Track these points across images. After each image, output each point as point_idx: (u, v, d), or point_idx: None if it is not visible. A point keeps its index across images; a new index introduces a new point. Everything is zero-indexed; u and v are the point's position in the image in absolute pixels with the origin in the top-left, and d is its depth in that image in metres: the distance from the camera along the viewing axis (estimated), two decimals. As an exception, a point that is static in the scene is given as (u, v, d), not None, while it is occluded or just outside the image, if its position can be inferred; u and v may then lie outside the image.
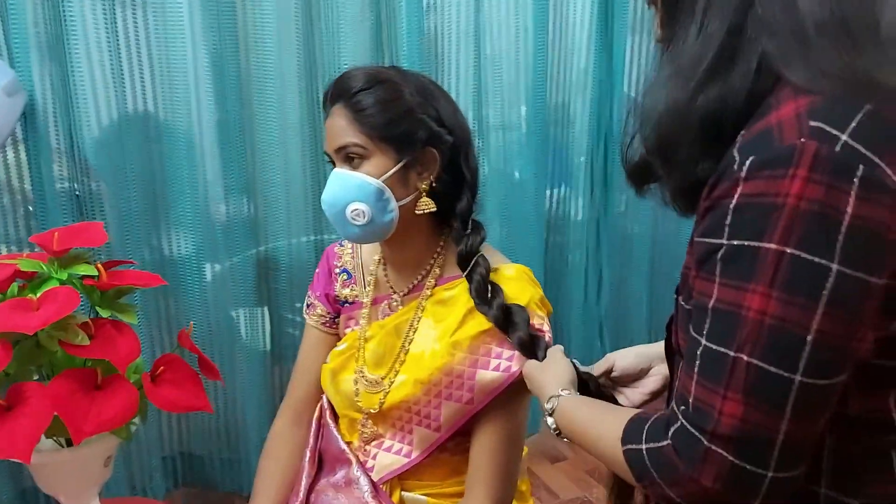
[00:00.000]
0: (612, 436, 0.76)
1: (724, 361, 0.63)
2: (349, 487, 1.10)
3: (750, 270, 0.61)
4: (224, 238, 1.87)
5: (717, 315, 0.64)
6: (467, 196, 1.07)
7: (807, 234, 0.59)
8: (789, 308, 0.60)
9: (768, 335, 0.61)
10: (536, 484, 2.18)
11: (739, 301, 0.62)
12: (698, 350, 0.66)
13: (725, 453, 0.63)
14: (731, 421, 0.62)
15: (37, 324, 0.97)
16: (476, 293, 1.04)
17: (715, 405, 0.63)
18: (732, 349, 0.63)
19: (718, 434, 0.63)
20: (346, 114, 1.02)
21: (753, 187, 0.61)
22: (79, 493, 1.17)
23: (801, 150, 0.59)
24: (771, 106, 0.63)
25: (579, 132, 2.28)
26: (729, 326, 0.63)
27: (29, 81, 1.58)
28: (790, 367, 0.61)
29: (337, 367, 1.15)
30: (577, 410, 0.87)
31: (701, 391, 0.65)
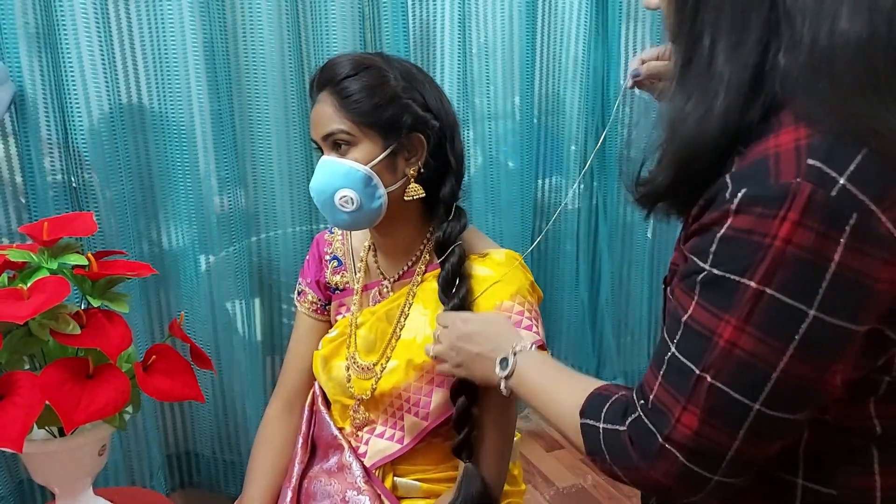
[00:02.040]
0: (570, 404, 0.77)
1: (688, 376, 0.64)
2: (342, 473, 1.10)
3: (727, 301, 0.62)
4: (218, 229, 1.87)
5: (690, 332, 0.65)
6: (451, 182, 1.07)
7: (789, 279, 0.59)
8: (760, 345, 0.61)
9: (735, 365, 0.62)
10: (532, 471, 2.19)
11: (712, 327, 0.63)
12: (667, 355, 0.67)
13: (678, 454, 0.65)
14: (687, 431, 0.64)
15: (27, 313, 0.97)
16: (442, 282, 1.05)
17: (674, 412, 0.65)
18: (698, 368, 0.63)
19: (673, 439, 0.65)
20: (332, 101, 1.02)
21: (742, 222, 0.60)
22: (72, 483, 1.17)
23: (796, 192, 0.58)
24: (772, 128, 0.62)
25: (572, 121, 2.28)
26: (699, 346, 0.64)
27: (18, 72, 1.58)
28: (751, 397, 0.62)
29: (328, 353, 1.15)
30: (541, 365, 0.88)
31: (663, 394, 0.66)
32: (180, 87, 1.74)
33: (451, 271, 1.04)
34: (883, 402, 0.66)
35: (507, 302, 1.04)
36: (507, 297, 1.04)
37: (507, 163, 2.22)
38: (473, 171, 2.16)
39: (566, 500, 2.09)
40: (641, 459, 0.67)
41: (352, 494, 1.07)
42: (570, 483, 2.15)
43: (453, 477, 1.09)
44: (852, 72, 0.59)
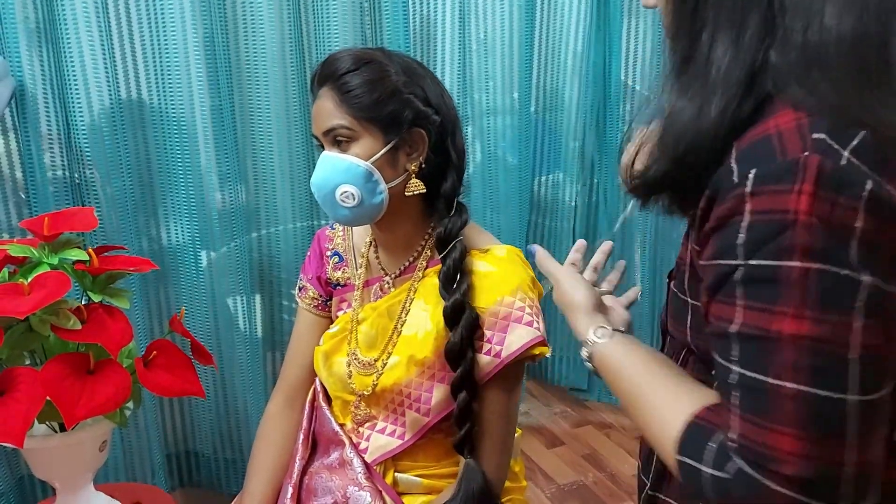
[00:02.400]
0: (664, 423, 0.69)
1: (764, 392, 0.58)
2: (343, 469, 1.10)
3: (774, 291, 0.58)
4: (219, 225, 1.86)
5: (745, 340, 0.60)
6: (452, 177, 1.07)
7: (826, 248, 0.56)
8: (824, 326, 0.56)
9: (807, 357, 0.57)
10: (532, 468, 2.19)
11: (768, 326, 0.58)
12: (729, 379, 0.61)
13: (792, 493, 0.57)
14: (793, 459, 0.57)
15: (28, 308, 0.97)
16: (443, 278, 1.04)
17: (768, 443, 0.58)
18: (770, 376, 0.58)
19: (781, 474, 0.58)
20: (333, 96, 1.02)
21: (760, 204, 0.58)
22: (73, 479, 1.17)
23: (805, 165, 0.57)
24: (767, 113, 0.61)
25: (572, 117, 2.28)
26: (761, 352, 0.59)
27: (18, 68, 1.58)
28: (840, 388, 0.56)
29: (329, 349, 1.15)
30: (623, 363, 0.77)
31: (746, 427, 0.60)
32: (181, 83, 1.74)
33: (452, 267, 1.04)
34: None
35: (509, 297, 1.04)
36: (509, 292, 1.04)
37: (506, 158, 2.22)
38: (472, 166, 2.16)
39: (567, 497, 2.09)
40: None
41: (353, 490, 1.07)
42: (571, 480, 2.16)
43: (454, 473, 1.09)
44: (844, 68, 0.59)
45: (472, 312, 1.03)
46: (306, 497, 1.12)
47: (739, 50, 0.63)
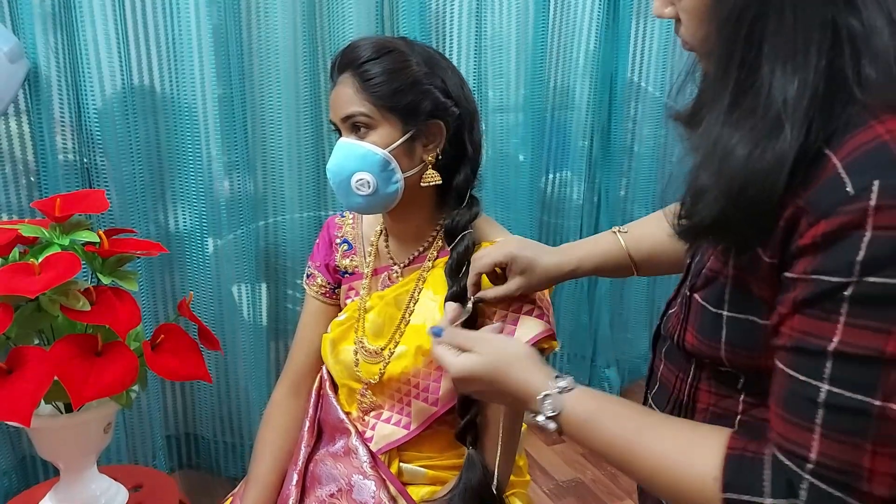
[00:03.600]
0: (689, 467, 0.65)
1: (863, 413, 0.56)
2: (348, 457, 1.10)
3: (893, 310, 0.55)
4: (226, 212, 1.87)
5: (848, 361, 0.57)
6: (466, 170, 1.07)
7: None
8: None
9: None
10: (531, 465, 2.19)
11: (882, 346, 0.55)
12: (819, 398, 0.58)
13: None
14: (885, 480, 0.56)
15: (38, 288, 0.98)
16: (449, 268, 1.04)
17: (863, 464, 0.56)
18: (878, 399, 0.55)
19: (870, 494, 0.56)
20: (353, 83, 1.02)
21: (890, 217, 0.54)
22: (77, 460, 1.18)
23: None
24: (864, 116, 0.58)
25: (582, 115, 2.28)
26: (868, 373, 0.56)
27: (33, 51, 1.58)
28: None
29: (337, 337, 1.15)
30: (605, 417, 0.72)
31: (832, 448, 0.57)
32: (192, 71, 1.74)
33: (457, 258, 1.04)
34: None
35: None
36: (519, 286, 1.04)
37: (516, 155, 2.22)
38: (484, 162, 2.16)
39: (565, 494, 2.10)
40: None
41: (357, 479, 1.07)
42: (569, 477, 2.16)
43: (459, 465, 1.09)
44: None
45: (479, 300, 1.02)
46: (311, 484, 1.12)
47: (806, 78, 0.59)
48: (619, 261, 1.00)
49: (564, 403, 0.74)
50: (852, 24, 0.59)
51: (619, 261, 1.00)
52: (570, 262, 0.99)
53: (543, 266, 0.98)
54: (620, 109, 2.32)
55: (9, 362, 1.00)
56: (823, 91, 0.59)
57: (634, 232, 1.02)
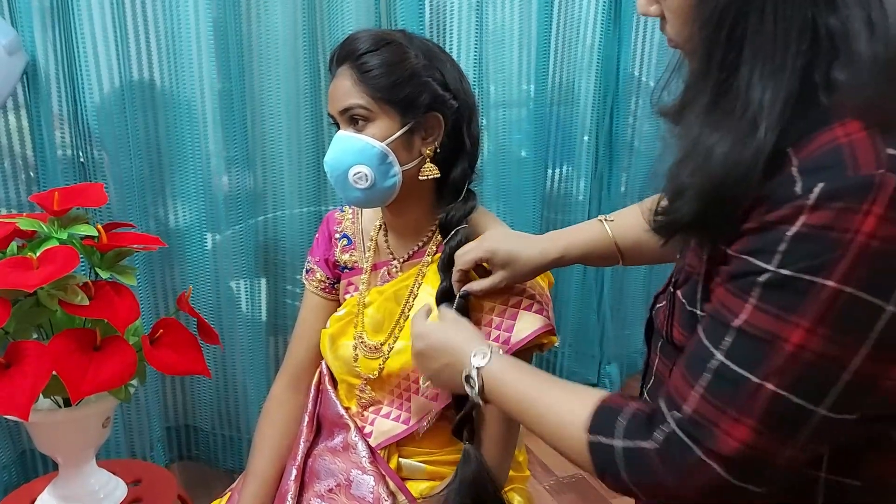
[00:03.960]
0: (568, 416, 0.73)
1: (743, 386, 0.60)
2: (347, 452, 1.10)
3: (797, 303, 0.58)
4: (225, 207, 1.87)
5: (746, 337, 0.61)
6: (463, 164, 1.06)
7: (870, 275, 0.56)
8: (831, 346, 0.58)
9: (802, 369, 0.59)
10: (532, 461, 2.19)
11: (777, 331, 0.59)
12: (711, 364, 0.63)
13: (720, 470, 0.62)
14: (734, 444, 0.61)
15: (36, 282, 0.97)
16: (441, 263, 1.04)
17: (720, 425, 0.61)
18: (757, 376, 0.60)
19: (716, 451, 0.62)
20: (351, 75, 1.01)
21: (821, 218, 0.57)
22: (76, 454, 1.18)
23: (880, 184, 0.55)
24: (830, 117, 0.59)
25: (585, 110, 2.27)
26: (757, 352, 0.60)
27: (31, 44, 1.58)
28: (816, 401, 0.59)
29: (336, 332, 1.15)
30: (514, 373, 0.82)
31: (705, 406, 0.63)
32: (192, 65, 1.74)
33: (448, 253, 1.04)
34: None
35: (518, 285, 1.03)
36: (519, 280, 1.04)
37: (519, 151, 2.21)
38: (486, 157, 2.15)
39: (565, 490, 2.10)
40: (671, 475, 0.64)
41: (356, 474, 1.07)
42: (569, 473, 2.16)
43: (458, 460, 1.09)
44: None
45: (461, 300, 1.02)
46: (309, 479, 1.12)
47: (782, 80, 0.60)
48: (605, 249, 1.00)
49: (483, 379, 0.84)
50: (832, 24, 0.60)
51: (605, 249, 1.00)
52: (555, 249, 0.99)
53: (525, 257, 0.98)
54: (623, 105, 2.31)
55: (7, 357, 1.00)
56: (798, 93, 0.60)
57: (621, 221, 1.01)
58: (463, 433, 1.04)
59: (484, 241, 1.01)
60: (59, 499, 1.18)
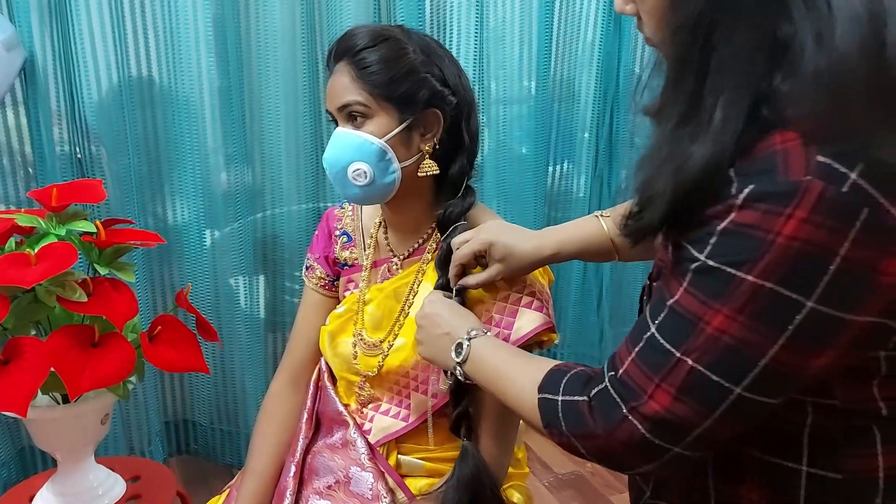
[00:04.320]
0: (529, 380, 0.80)
1: (667, 358, 0.66)
2: (346, 449, 1.10)
3: (720, 291, 0.63)
4: (223, 205, 1.86)
5: (674, 315, 0.66)
6: (462, 161, 1.06)
7: (789, 273, 0.60)
8: (750, 334, 0.62)
9: (721, 351, 0.63)
10: (531, 457, 2.19)
11: (700, 314, 0.64)
12: (646, 334, 0.68)
13: (641, 428, 0.67)
14: (656, 407, 0.66)
15: (34, 278, 0.97)
16: (438, 259, 1.04)
17: (646, 389, 0.67)
18: (679, 351, 0.65)
19: (640, 412, 0.67)
20: (349, 71, 1.01)
21: (746, 217, 0.61)
22: (75, 450, 1.18)
23: (805, 190, 0.58)
24: (774, 125, 0.62)
25: (586, 107, 2.26)
26: (682, 330, 0.65)
27: (29, 40, 1.57)
28: (734, 381, 0.63)
29: (335, 329, 1.15)
30: (496, 348, 0.90)
31: (636, 371, 0.68)
32: (190, 62, 1.73)
33: (445, 250, 1.04)
34: (886, 383, 0.67)
35: (519, 282, 1.03)
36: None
37: (519, 148, 2.21)
38: (485, 154, 2.15)
39: (564, 487, 2.10)
40: (600, 427, 0.70)
41: (355, 471, 1.07)
42: (568, 470, 2.16)
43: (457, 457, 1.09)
44: (850, 98, 0.59)
45: (458, 296, 1.02)
46: (308, 476, 1.11)
47: (746, 91, 0.63)
48: (601, 245, 1.01)
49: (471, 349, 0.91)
50: (784, 36, 0.62)
51: (601, 245, 1.01)
52: (550, 245, 0.99)
53: (521, 251, 0.99)
54: (624, 102, 2.30)
55: (5, 353, 1.00)
56: (757, 102, 0.63)
57: (617, 216, 1.01)
58: (461, 430, 1.04)
59: (481, 232, 1.01)
60: (57, 495, 1.18)
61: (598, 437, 0.70)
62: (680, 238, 0.67)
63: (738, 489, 0.73)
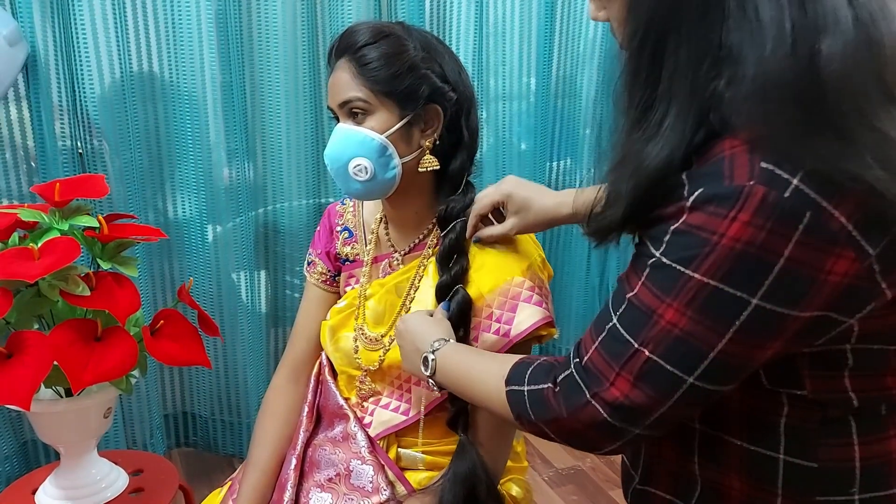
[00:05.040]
0: (495, 377, 0.83)
1: (626, 347, 0.69)
2: (346, 442, 1.11)
3: (671, 287, 0.66)
4: (225, 200, 1.87)
5: (632, 308, 0.69)
6: (462, 157, 1.07)
7: (733, 272, 0.63)
8: (699, 328, 0.65)
9: (673, 343, 0.66)
10: (531, 452, 2.20)
11: (654, 307, 0.67)
12: (608, 325, 0.71)
13: (602, 412, 0.70)
14: (616, 393, 0.69)
15: (37, 272, 0.98)
16: (439, 257, 1.05)
17: (608, 377, 0.70)
18: (637, 342, 0.68)
19: (601, 397, 0.70)
20: (350, 68, 1.01)
21: (695, 219, 0.64)
22: (78, 444, 1.19)
23: (748, 194, 0.61)
24: (724, 130, 0.65)
25: (587, 103, 2.26)
26: (639, 322, 0.68)
27: (31, 35, 1.57)
28: (686, 371, 0.67)
29: (336, 324, 1.15)
30: (459, 354, 0.93)
31: (598, 359, 0.71)
32: (192, 57, 1.74)
33: (447, 246, 1.04)
34: (855, 375, 0.69)
35: (519, 277, 1.04)
36: (519, 272, 1.04)
37: (519, 144, 2.21)
38: (486, 150, 2.15)
39: (564, 481, 2.11)
40: (564, 411, 0.73)
41: (356, 464, 1.08)
42: (568, 465, 2.17)
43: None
44: (784, 106, 0.62)
45: (462, 293, 1.03)
46: (309, 469, 1.12)
47: (694, 97, 0.66)
48: None
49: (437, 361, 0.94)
50: (729, 44, 0.64)
51: None
52: (569, 204, 1.00)
53: (540, 206, 1.01)
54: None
55: (9, 347, 1.01)
56: (705, 108, 0.66)
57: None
58: (458, 425, 1.04)
59: (502, 184, 1.03)
60: (60, 489, 1.19)
61: (562, 419, 0.73)
62: (641, 234, 0.71)
63: (720, 476, 0.75)
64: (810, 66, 0.61)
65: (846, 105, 0.61)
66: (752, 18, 0.63)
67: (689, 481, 0.77)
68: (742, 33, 0.63)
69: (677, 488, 0.79)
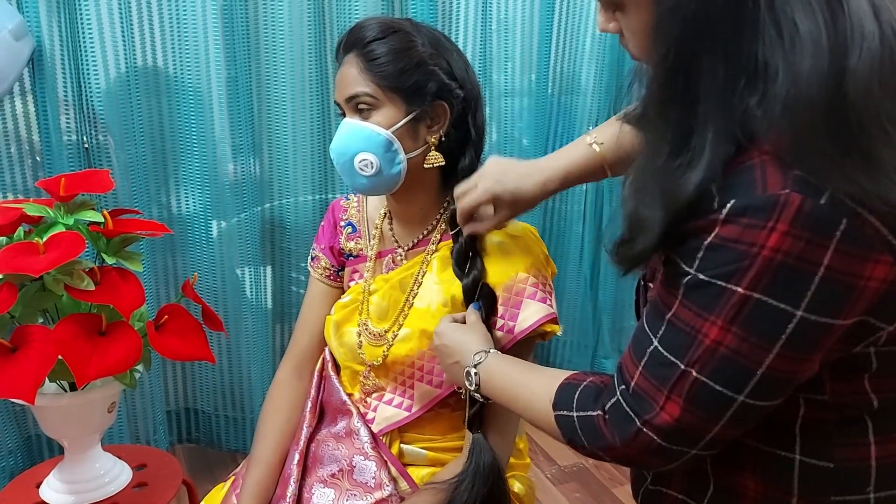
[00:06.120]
0: (542, 400, 0.82)
1: (672, 370, 0.67)
2: (349, 438, 1.11)
3: (713, 304, 0.64)
4: (230, 195, 1.87)
5: (673, 329, 0.68)
6: (470, 154, 1.07)
7: (776, 283, 0.62)
8: (745, 344, 0.64)
9: (720, 361, 0.65)
10: (534, 449, 2.20)
11: (698, 326, 0.66)
12: (649, 348, 0.70)
13: (656, 438, 0.69)
14: (668, 418, 0.68)
15: (42, 267, 0.98)
16: (456, 256, 1.05)
17: (657, 401, 0.69)
18: (683, 363, 0.67)
19: (653, 423, 0.69)
20: (358, 63, 1.01)
21: (730, 231, 0.62)
22: (82, 438, 1.19)
23: (784, 203, 0.60)
24: (753, 142, 0.63)
25: (588, 99, 2.26)
26: (683, 343, 0.67)
27: (37, 29, 1.57)
28: (736, 389, 0.66)
29: (340, 319, 1.15)
30: (503, 367, 0.92)
31: (644, 383, 0.70)
32: (198, 51, 1.73)
33: (463, 244, 1.04)
34: (877, 377, 0.69)
35: (523, 274, 1.04)
36: (523, 269, 1.04)
37: (521, 140, 2.21)
38: (488, 147, 2.15)
39: (567, 479, 2.11)
40: (617, 440, 0.72)
41: (359, 459, 1.08)
42: (571, 462, 2.17)
43: (459, 447, 1.10)
44: (814, 126, 0.61)
45: (487, 288, 1.03)
46: (312, 464, 1.12)
47: (731, 114, 0.64)
48: (596, 171, 1.00)
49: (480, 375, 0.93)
50: (764, 62, 0.63)
51: (597, 171, 1.00)
52: (554, 180, 0.99)
53: (527, 193, 0.99)
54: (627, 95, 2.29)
55: (13, 341, 1.01)
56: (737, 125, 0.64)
57: (608, 140, 0.98)
58: (475, 425, 1.04)
59: (481, 180, 1.00)
60: (64, 483, 1.19)
61: (616, 448, 0.72)
62: (669, 252, 0.69)
63: (735, 476, 0.75)
64: (838, 83, 0.60)
65: (868, 122, 0.61)
66: (788, 34, 0.61)
67: (702, 481, 0.77)
68: (777, 49, 0.62)
69: (690, 488, 0.79)
